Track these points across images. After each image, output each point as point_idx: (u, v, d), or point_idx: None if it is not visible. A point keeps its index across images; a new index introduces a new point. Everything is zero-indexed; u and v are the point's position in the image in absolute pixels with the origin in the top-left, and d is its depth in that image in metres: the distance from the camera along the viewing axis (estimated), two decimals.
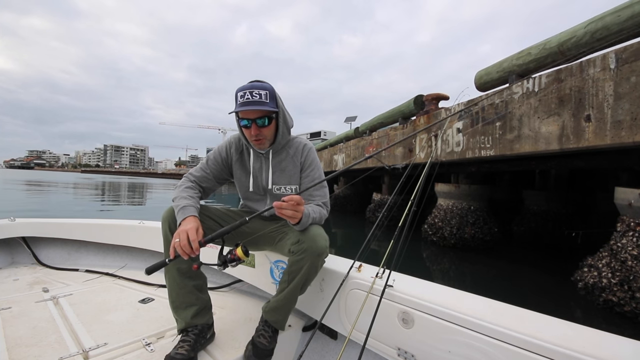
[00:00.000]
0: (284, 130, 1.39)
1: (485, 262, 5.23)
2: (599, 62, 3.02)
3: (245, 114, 1.27)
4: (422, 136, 5.73)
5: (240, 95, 1.23)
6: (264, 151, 1.40)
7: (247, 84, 1.27)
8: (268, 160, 1.41)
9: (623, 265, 2.92)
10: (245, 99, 1.23)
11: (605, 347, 0.78)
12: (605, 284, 2.95)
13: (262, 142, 1.34)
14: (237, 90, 1.25)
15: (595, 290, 3.02)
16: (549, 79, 3.46)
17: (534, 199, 6.82)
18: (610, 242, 3.20)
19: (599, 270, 3.06)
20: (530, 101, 3.63)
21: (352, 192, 12.42)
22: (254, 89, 1.24)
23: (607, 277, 2.96)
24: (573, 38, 3.62)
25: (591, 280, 3.07)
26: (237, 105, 1.24)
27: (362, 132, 9.35)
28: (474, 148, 4.48)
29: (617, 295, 2.86)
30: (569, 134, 3.22)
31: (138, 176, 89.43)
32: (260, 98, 1.24)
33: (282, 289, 1.25)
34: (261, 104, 1.24)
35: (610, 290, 2.91)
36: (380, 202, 9.15)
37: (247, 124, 1.29)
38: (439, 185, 6.14)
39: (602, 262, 3.10)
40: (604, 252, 3.20)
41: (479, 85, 5.07)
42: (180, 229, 1.13)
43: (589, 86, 3.07)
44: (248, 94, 1.23)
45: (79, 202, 13.64)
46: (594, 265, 3.17)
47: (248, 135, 1.32)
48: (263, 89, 1.25)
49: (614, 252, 3.07)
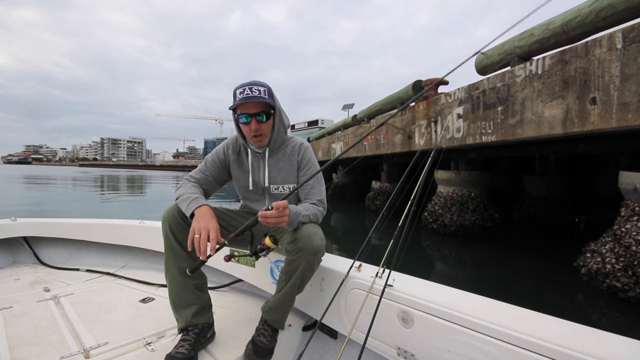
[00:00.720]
0: (280, 128, 1.40)
1: (486, 249, 5.21)
2: (605, 42, 2.91)
3: (245, 108, 1.29)
4: (421, 122, 5.63)
5: (239, 92, 1.26)
6: (261, 150, 1.41)
7: (244, 82, 1.30)
8: (265, 160, 1.43)
9: (627, 250, 2.87)
10: (245, 94, 1.25)
11: (605, 347, 0.78)
12: (609, 270, 2.91)
13: (261, 139, 1.35)
14: (235, 88, 1.28)
15: (599, 275, 2.99)
16: (552, 60, 3.34)
17: (534, 184, 6.76)
18: (613, 227, 3.15)
19: (603, 256, 3.02)
20: (533, 84, 3.53)
21: (351, 181, 12.37)
22: (253, 85, 1.27)
23: (610, 263, 2.92)
24: (577, 17, 3.48)
25: (595, 266, 3.03)
26: (237, 100, 1.26)
27: (361, 120, 9.23)
28: (474, 134, 4.39)
29: (621, 280, 2.83)
30: (574, 118, 3.13)
31: (136, 169, 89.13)
32: (259, 93, 1.27)
33: (280, 289, 1.26)
34: (260, 98, 1.27)
35: (614, 275, 2.87)
36: (380, 190, 9.09)
37: (246, 120, 1.30)
38: (439, 172, 6.07)
39: (605, 248, 3.06)
40: (607, 237, 3.16)
41: (479, 69, 4.94)
42: (202, 225, 1.13)
43: (595, 67, 2.97)
44: (247, 89, 1.26)
45: (79, 197, 13.57)
46: (597, 250, 3.13)
47: (247, 131, 1.33)
48: (261, 85, 1.29)
49: (618, 237, 3.02)
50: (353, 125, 9.48)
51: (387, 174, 9.13)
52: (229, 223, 1.43)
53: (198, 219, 1.16)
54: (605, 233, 3.23)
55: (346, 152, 9.49)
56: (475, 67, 5.00)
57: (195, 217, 1.18)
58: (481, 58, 4.81)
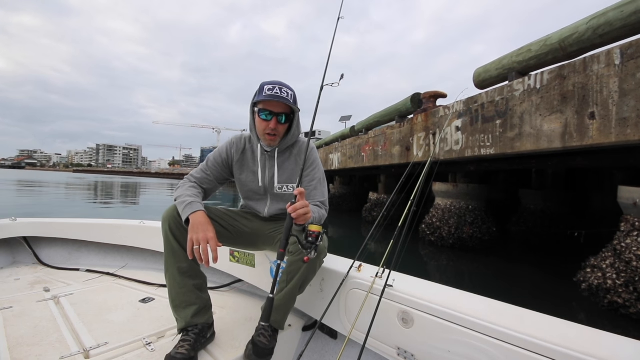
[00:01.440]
0: (295, 133, 1.42)
1: (484, 262, 5.16)
2: (603, 58, 2.95)
3: (270, 105, 1.29)
4: (419, 134, 5.65)
5: (268, 88, 1.26)
6: (270, 149, 1.41)
7: (273, 80, 1.31)
8: (273, 159, 1.43)
9: (628, 266, 2.85)
10: (274, 92, 1.26)
11: (605, 347, 0.77)
12: (610, 285, 2.88)
13: (275, 139, 1.35)
14: (263, 83, 1.28)
15: (600, 291, 2.95)
16: (551, 75, 3.38)
17: (531, 198, 6.77)
18: (613, 242, 3.13)
19: (603, 271, 2.99)
20: (532, 98, 3.56)
21: (348, 192, 12.34)
22: (283, 86, 1.28)
23: (611, 279, 2.89)
24: (575, 34, 3.54)
25: (595, 281, 3.00)
26: (264, 96, 1.26)
27: (359, 131, 9.26)
28: (473, 147, 4.40)
29: (622, 297, 2.79)
30: (573, 132, 3.15)
31: (131, 176, 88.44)
32: (287, 96, 1.28)
33: (281, 289, 1.25)
34: (287, 101, 1.28)
35: (615, 291, 2.84)
36: (377, 201, 9.06)
37: (267, 118, 1.30)
38: (437, 185, 6.07)
39: (606, 263, 3.03)
40: (607, 252, 3.14)
41: (477, 83, 5.00)
42: (200, 236, 1.14)
43: (593, 83, 3.00)
44: (277, 89, 1.26)
45: (70, 203, 13.36)
46: (598, 266, 3.10)
47: (264, 127, 1.32)
48: (290, 89, 1.31)
49: (618, 253, 3.00)
50: (351, 137, 9.51)
51: (385, 186, 9.12)
52: (229, 223, 1.42)
53: (194, 229, 1.16)
54: (605, 248, 3.21)
55: (344, 164, 9.49)
56: (474, 81, 5.05)
57: (191, 225, 1.17)
58: (479, 72, 4.87)
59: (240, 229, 1.43)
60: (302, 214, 1.09)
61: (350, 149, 9.10)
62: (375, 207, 9.00)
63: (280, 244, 1.11)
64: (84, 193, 19.31)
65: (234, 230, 1.42)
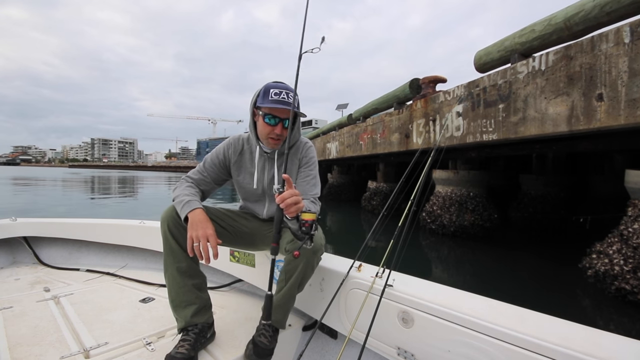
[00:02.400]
0: (296, 135, 1.41)
1: (486, 250, 5.12)
2: (612, 36, 2.82)
3: (278, 111, 1.28)
4: (419, 121, 5.52)
5: (274, 92, 1.25)
6: (270, 151, 1.40)
7: (279, 83, 1.30)
8: (273, 161, 1.42)
9: (636, 251, 2.79)
10: (281, 97, 1.25)
11: (605, 347, 0.77)
12: (617, 272, 2.82)
13: (279, 143, 1.35)
14: (269, 87, 1.27)
15: (607, 278, 2.90)
16: (557, 56, 3.25)
17: (532, 183, 6.71)
18: (620, 227, 3.06)
19: (610, 257, 2.93)
20: (536, 81, 3.43)
21: (347, 181, 12.25)
22: (289, 91, 1.27)
23: (619, 265, 2.83)
24: (581, 12, 3.39)
25: (602, 267, 2.94)
26: (270, 101, 1.25)
27: (356, 119, 9.11)
28: (475, 132, 4.29)
29: (630, 283, 2.74)
30: (579, 115, 3.04)
31: (128, 169, 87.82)
32: (293, 101, 1.27)
33: (280, 288, 1.26)
34: (293, 107, 1.26)
35: (622, 277, 2.78)
36: (376, 190, 8.98)
37: (272, 122, 1.29)
38: (437, 172, 5.98)
39: (612, 249, 2.97)
40: (613, 237, 3.07)
41: (478, 67, 4.85)
42: (200, 233, 1.14)
43: (601, 63, 2.88)
44: (284, 94, 1.25)
45: (66, 200, 13.21)
46: (604, 251, 3.04)
47: (267, 131, 1.30)
48: (296, 94, 1.29)
49: (625, 238, 2.94)
50: (348, 125, 9.35)
51: (384, 174, 9.03)
52: (228, 224, 1.41)
53: (193, 226, 1.16)
54: (610, 233, 3.14)
55: (342, 153, 9.37)
56: (474, 65, 4.90)
57: (190, 222, 1.17)
58: (480, 55, 4.72)
59: (239, 229, 1.43)
60: (291, 203, 1.04)
61: (348, 137, 8.96)
62: (374, 196, 8.93)
63: (272, 238, 1.10)
64: (81, 188, 19.14)
65: (233, 230, 1.42)
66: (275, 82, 1.31)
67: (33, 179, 27.63)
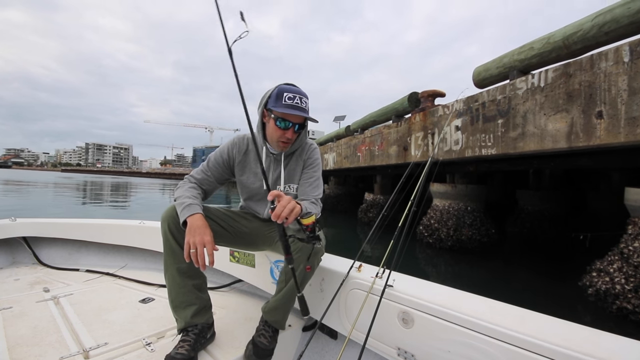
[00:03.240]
0: (302, 138, 1.42)
1: (484, 265, 5.06)
2: (611, 55, 2.86)
3: (291, 117, 1.27)
4: (417, 134, 5.53)
5: (288, 97, 1.24)
6: (276, 152, 1.40)
7: (291, 87, 1.28)
8: (279, 162, 1.42)
9: (637, 270, 2.76)
10: (294, 102, 1.24)
11: (605, 347, 0.77)
12: (618, 290, 2.78)
13: (287, 146, 1.35)
14: (281, 90, 1.25)
15: (608, 297, 2.86)
16: (556, 73, 3.28)
17: (529, 199, 6.73)
18: (620, 245, 3.04)
19: (611, 276, 2.90)
20: (535, 97, 3.46)
21: (343, 192, 12.20)
22: (302, 95, 1.27)
23: (620, 283, 2.80)
24: (579, 31, 3.45)
25: (603, 286, 2.90)
26: (283, 105, 1.24)
27: (354, 130, 9.13)
28: (473, 146, 4.29)
29: (631, 302, 2.70)
30: (579, 132, 3.05)
31: (122, 175, 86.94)
32: (305, 106, 1.28)
33: (280, 289, 1.26)
34: (307, 112, 1.29)
35: (624, 297, 2.75)
36: (373, 202, 8.94)
37: (285, 126, 1.28)
38: (435, 185, 5.96)
39: (613, 267, 2.94)
40: (613, 255, 3.05)
41: (477, 82, 4.89)
42: (197, 240, 1.13)
43: (601, 81, 2.90)
44: (298, 99, 1.25)
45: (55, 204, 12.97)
46: (604, 269, 3.01)
47: (279, 135, 1.31)
48: (307, 98, 1.30)
49: (626, 257, 2.91)
50: (346, 136, 9.37)
51: (381, 186, 9.00)
52: (228, 224, 1.41)
53: (191, 232, 1.15)
54: (610, 251, 3.12)
55: (340, 164, 9.35)
56: (473, 80, 4.95)
57: (188, 228, 1.16)
58: (479, 70, 4.77)
59: (239, 229, 1.43)
60: (286, 214, 1.02)
61: (345, 148, 8.96)
62: (371, 208, 8.88)
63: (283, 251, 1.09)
64: (72, 193, 18.84)
65: (233, 231, 1.41)
66: (288, 85, 1.28)
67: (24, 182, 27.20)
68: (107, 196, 17.74)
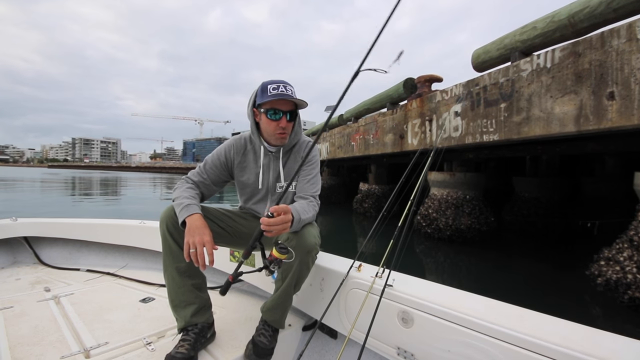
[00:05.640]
0: (297, 130, 1.42)
1: (484, 255, 4.96)
2: (623, 32, 2.68)
3: (277, 104, 1.28)
4: (414, 121, 5.34)
5: (272, 87, 1.26)
6: (275, 149, 1.41)
7: (274, 79, 1.29)
8: (278, 160, 1.42)
9: None
10: (279, 90, 1.25)
11: (605, 347, 0.77)
12: (630, 280, 2.67)
13: (286, 137, 1.36)
14: (266, 83, 1.28)
15: (620, 287, 2.75)
16: (563, 53, 3.10)
17: (525, 186, 6.64)
18: (629, 232, 2.93)
19: (621, 265, 2.79)
20: (541, 79, 3.28)
21: (337, 183, 12.03)
22: (286, 84, 1.28)
23: (632, 272, 2.68)
24: (586, 9, 3.26)
25: (614, 275, 2.79)
26: (270, 95, 1.24)
27: (347, 119, 8.90)
28: (474, 133, 4.12)
29: None
30: (588, 114, 2.89)
31: (110, 170, 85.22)
32: (292, 93, 1.28)
33: (277, 288, 1.27)
34: (294, 98, 1.28)
35: (636, 286, 2.64)
36: (368, 192, 8.79)
37: (276, 117, 1.30)
38: (433, 174, 5.81)
39: (623, 255, 2.83)
40: (622, 243, 2.93)
41: (476, 65, 4.70)
42: (196, 239, 1.13)
43: (613, 60, 2.73)
44: (282, 87, 1.26)
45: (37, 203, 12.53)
46: (614, 258, 2.89)
47: (273, 127, 1.31)
48: (292, 86, 1.30)
49: (636, 244, 2.80)
50: (339, 126, 9.13)
51: (375, 176, 8.84)
52: (228, 224, 1.41)
53: (191, 232, 1.15)
54: (619, 239, 3.00)
55: (333, 154, 9.14)
56: (472, 63, 4.75)
57: (187, 228, 1.17)
58: (478, 53, 4.57)
59: (238, 230, 1.43)
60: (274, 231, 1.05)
61: (339, 138, 8.74)
62: (366, 198, 8.73)
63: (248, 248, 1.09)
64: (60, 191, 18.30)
65: (232, 231, 1.41)
66: (270, 80, 1.30)
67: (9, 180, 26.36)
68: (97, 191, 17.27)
